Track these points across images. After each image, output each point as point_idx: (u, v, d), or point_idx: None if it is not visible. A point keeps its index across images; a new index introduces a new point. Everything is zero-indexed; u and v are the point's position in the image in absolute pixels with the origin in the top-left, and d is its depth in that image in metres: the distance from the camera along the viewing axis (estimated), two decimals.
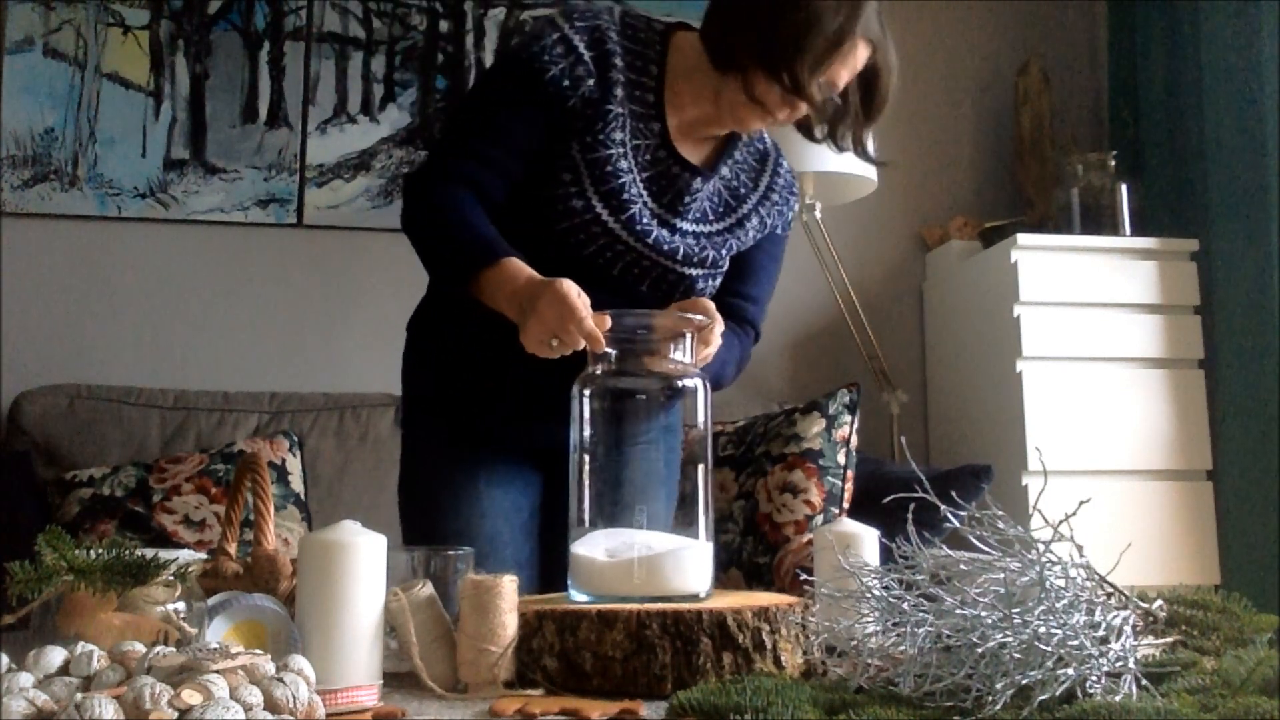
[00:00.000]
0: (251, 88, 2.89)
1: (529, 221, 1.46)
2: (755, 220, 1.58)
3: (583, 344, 1.23)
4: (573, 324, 1.23)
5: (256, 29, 2.90)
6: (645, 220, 1.47)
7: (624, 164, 1.46)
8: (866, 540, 1.20)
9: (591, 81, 1.44)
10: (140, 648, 0.80)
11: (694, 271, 1.51)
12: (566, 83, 1.43)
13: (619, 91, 1.45)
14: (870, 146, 1.54)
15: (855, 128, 1.50)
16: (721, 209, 1.56)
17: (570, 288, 1.27)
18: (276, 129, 2.88)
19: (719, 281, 1.57)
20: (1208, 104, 2.67)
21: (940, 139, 3.17)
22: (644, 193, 1.48)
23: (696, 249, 1.51)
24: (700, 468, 1.15)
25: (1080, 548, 0.98)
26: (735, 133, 1.55)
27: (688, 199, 1.51)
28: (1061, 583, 0.91)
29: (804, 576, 1.16)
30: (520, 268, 1.36)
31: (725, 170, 1.57)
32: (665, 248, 1.48)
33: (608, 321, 1.22)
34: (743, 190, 1.59)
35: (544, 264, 1.39)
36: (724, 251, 1.55)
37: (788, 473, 2.26)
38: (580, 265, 1.45)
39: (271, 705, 0.76)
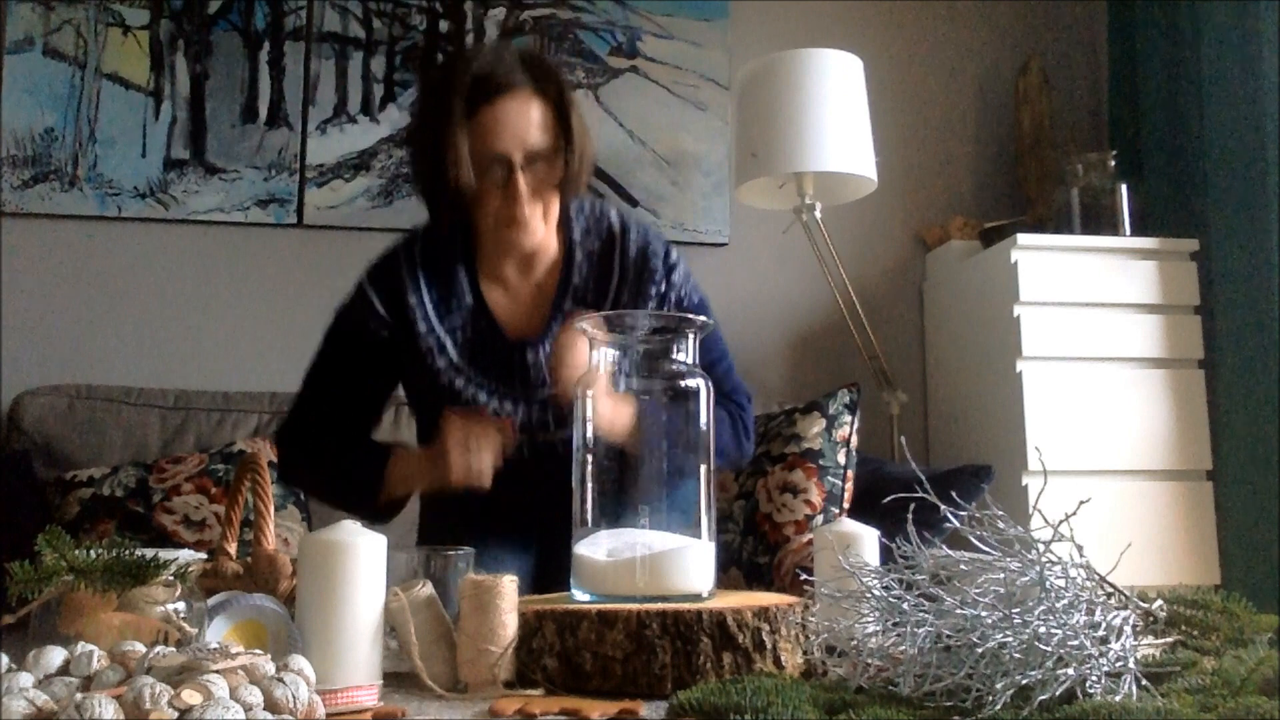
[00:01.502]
0: (251, 88, 2.88)
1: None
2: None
3: (498, 448, 1.42)
4: (482, 434, 1.41)
5: (256, 29, 2.90)
6: (506, 409, 1.54)
7: (460, 380, 1.54)
8: (866, 540, 1.19)
9: (388, 333, 1.54)
10: (140, 648, 0.80)
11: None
12: (370, 340, 1.54)
13: (423, 325, 1.54)
14: (583, 179, 1.52)
15: (568, 163, 1.49)
16: None
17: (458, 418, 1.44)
18: (276, 129, 2.88)
19: None
20: (1208, 104, 2.67)
21: (940, 139, 3.17)
22: (488, 387, 1.55)
23: (553, 410, 1.54)
24: (702, 468, 1.15)
25: (1080, 548, 0.98)
26: (568, 260, 1.57)
27: (527, 370, 1.55)
28: (1061, 583, 0.91)
29: (804, 576, 1.16)
30: (402, 460, 1.51)
31: (568, 302, 1.57)
32: (520, 421, 1.54)
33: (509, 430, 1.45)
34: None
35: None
36: None
37: (788, 473, 2.26)
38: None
39: (271, 705, 0.76)
